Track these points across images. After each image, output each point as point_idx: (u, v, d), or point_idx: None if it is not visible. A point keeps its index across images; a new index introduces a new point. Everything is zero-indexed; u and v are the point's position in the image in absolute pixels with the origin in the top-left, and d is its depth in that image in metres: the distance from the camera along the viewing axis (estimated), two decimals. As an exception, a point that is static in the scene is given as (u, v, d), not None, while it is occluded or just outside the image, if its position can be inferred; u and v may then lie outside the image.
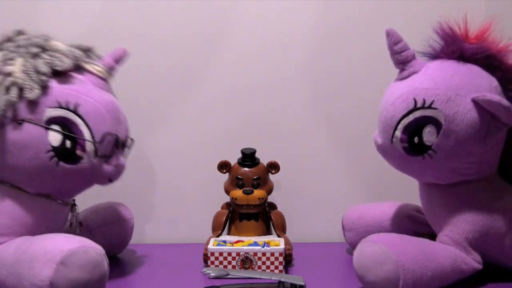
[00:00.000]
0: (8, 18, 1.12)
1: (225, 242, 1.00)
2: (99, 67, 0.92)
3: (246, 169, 1.08)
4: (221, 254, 0.97)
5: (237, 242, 1.00)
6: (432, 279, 0.84)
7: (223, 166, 1.09)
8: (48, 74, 0.86)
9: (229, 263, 0.97)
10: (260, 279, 0.89)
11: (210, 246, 0.98)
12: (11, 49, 0.87)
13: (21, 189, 0.88)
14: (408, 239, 0.86)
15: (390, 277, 0.82)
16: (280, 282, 0.87)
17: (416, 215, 1.02)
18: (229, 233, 1.08)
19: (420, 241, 0.87)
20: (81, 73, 0.90)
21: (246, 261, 0.97)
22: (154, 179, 1.20)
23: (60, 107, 0.86)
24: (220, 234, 1.06)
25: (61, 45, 0.90)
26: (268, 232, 1.08)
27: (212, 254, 0.97)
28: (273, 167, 1.10)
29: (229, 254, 0.97)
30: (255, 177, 1.07)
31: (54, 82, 0.87)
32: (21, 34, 0.90)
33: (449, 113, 0.86)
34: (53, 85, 0.86)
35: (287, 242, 1.02)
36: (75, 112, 0.86)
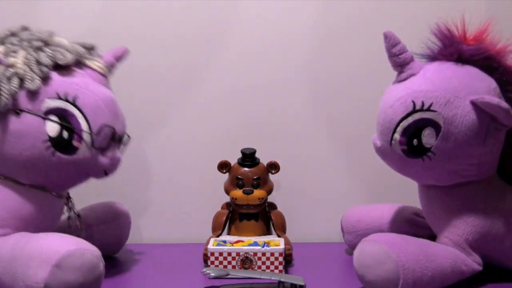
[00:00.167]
0: (8, 18, 1.11)
1: (225, 242, 1.00)
2: (99, 63, 0.92)
3: (246, 169, 1.08)
4: (221, 254, 0.97)
5: (237, 242, 1.00)
6: (432, 280, 0.84)
7: (223, 166, 1.10)
8: (49, 67, 0.87)
9: (229, 263, 0.97)
10: (260, 279, 0.89)
11: (210, 246, 0.98)
12: (15, 42, 0.88)
13: (15, 181, 0.88)
14: (408, 239, 0.86)
15: (390, 277, 0.82)
16: (280, 282, 0.87)
17: (415, 219, 1.02)
18: (229, 233, 1.09)
19: (421, 241, 0.87)
20: (81, 68, 0.91)
21: (246, 261, 0.97)
22: (154, 178, 1.20)
23: (59, 98, 0.86)
24: (220, 234, 1.06)
25: (64, 41, 0.91)
26: (268, 232, 1.08)
27: (212, 254, 0.97)
28: (273, 167, 1.10)
29: (229, 254, 0.97)
30: (255, 177, 1.07)
31: (54, 74, 0.87)
32: (25, 30, 0.91)
33: (448, 115, 0.85)
34: (54, 77, 0.87)
35: (287, 242, 1.02)
36: (73, 103, 0.87)
